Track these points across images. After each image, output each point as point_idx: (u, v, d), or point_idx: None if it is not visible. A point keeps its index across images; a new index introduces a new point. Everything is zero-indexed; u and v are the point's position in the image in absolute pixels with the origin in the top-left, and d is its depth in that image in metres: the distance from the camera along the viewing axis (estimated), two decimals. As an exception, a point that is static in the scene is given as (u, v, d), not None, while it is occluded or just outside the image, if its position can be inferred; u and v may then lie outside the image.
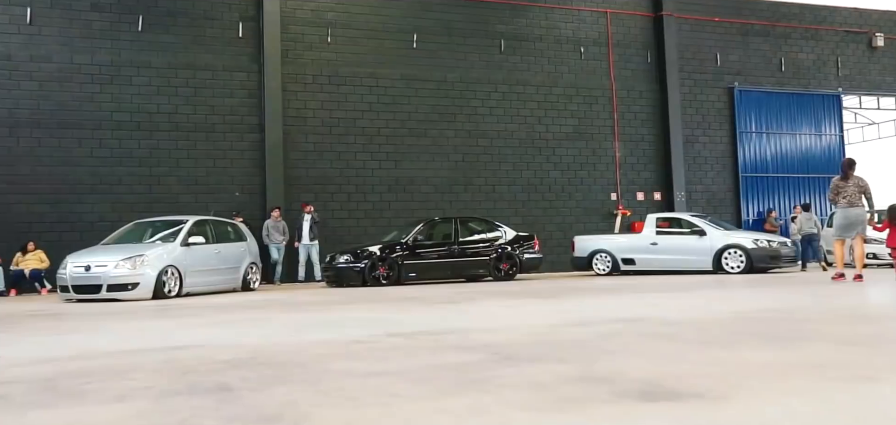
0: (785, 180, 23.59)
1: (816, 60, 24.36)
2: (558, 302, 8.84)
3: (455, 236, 16.15)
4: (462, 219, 16.68)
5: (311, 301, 10.75)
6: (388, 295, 11.76)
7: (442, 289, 13.31)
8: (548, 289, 12.06)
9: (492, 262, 16.11)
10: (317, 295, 12.61)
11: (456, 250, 15.99)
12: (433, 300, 9.90)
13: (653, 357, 4.05)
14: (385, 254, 15.45)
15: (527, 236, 16.84)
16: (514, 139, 20.98)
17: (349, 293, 12.85)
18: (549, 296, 9.91)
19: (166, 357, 4.66)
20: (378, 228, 19.41)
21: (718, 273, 16.01)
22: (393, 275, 15.35)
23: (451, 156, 20.35)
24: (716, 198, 22.84)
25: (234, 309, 9.38)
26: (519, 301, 9.28)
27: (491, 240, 16.36)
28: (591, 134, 21.73)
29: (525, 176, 20.98)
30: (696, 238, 16.42)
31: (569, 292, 10.82)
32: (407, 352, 4.51)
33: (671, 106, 22.20)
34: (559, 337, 5.11)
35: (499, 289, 12.29)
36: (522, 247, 16.49)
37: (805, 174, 23.79)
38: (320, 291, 14.07)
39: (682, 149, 22.27)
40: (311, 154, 19.11)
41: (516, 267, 16.28)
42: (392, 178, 19.76)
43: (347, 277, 15.33)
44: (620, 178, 21.88)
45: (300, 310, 8.84)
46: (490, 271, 16.11)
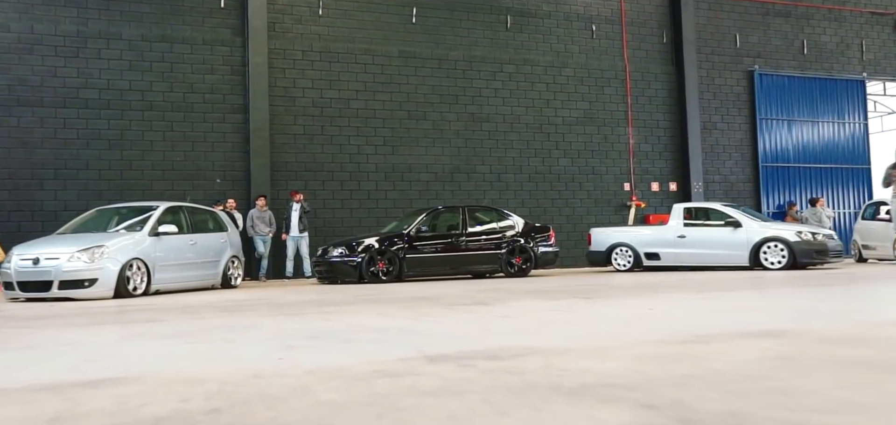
0: (807, 171, 21.81)
1: (840, 43, 22.59)
2: (616, 302, 6.93)
3: (462, 227, 14.24)
4: (470, 208, 14.76)
5: (302, 300, 8.81)
6: (394, 294, 9.83)
7: (453, 286, 11.40)
8: (580, 286, 10.16)
9: (503, 257, 14.20)
10: (308, 293, 10.66)
11: (463, 243, 14.07)
12: (453, 300, 7.98)
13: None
14: (384, 246, 13.51)
15: (541, 227, 14.94)
16: (521, 124, 19.07)
17: (345, 291, 10.91)
18: (595, 295, 8.00)
19: (63, 408, 2.70)
20: (373, 219, 17.46)
21: (756, 269, 14.18)
22: (393, 271, 13.42)
23: (453, 142, 18.42)
24: (734, 190, 21.03)
25: (209, 311, 7.41)
26: (562, 302, 7.36)
27: (502, 232, 14.45)
28: (603, 119, 19.85)
29: (532, 164, 19.08)
30: (729, 230, 14.57)
31: (613, 290, 8.92)
32: (481, 402, 2.57)
33: (688, 90, 20.36)
34: (708, 366, 3.19)
35: (521, 287, 10.38)
36: (536, 240, 14.59)
37: (827, 164, 22.01)
38: (311, 289, 12.12)
39: (699, 137, 20.44)
40: (300, 138, 17.13)
41: (531, 261, 14.37)
42: (389, 165, 17.81)
43: (342, 273, 13.39)
44: (634, 167, 20.02)
45: (290, 313, 6.90)
46: (501, 267, 14.19)
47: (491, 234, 14.38)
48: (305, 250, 16.01)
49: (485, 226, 14.56)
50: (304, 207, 15.93)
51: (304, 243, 15.99)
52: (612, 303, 7.02)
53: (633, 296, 7.77)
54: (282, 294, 10.62)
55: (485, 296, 8.42)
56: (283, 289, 12.46)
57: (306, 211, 15.93)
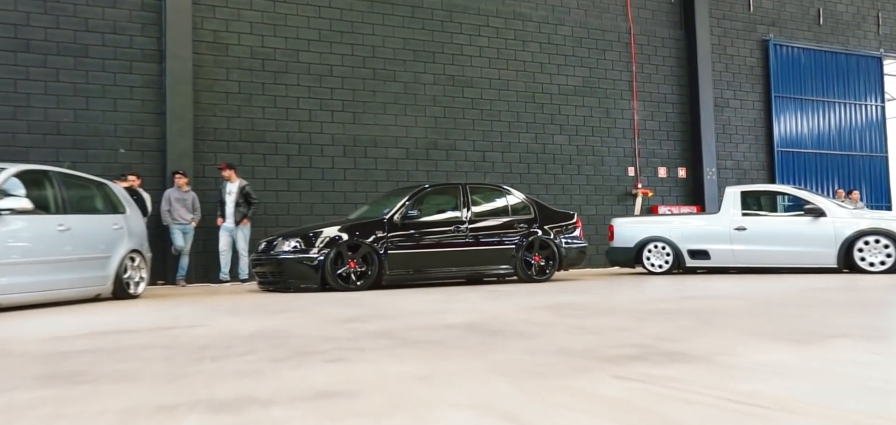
0: (823, 159, 18.36)
1: (856, 14, 19.27)
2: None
3: (465, 213, 10.02)
4: (472, 187, 10.51)
5: (235, 332, 4.57)
6: (399, 312, 5.64)
7: (470, 297, 7.24)
8: (687, 301, 6.09)
9: (519, 254, 10.05)
10: (246, 311, 6.39)
11: (465, 234, 9.87)
12: (538, 338, 3.84)
13: None
14: (356, 238, 9.20)
15: (562, 214, 10.86)
16: (511, 91, 14.98)
17: (306, 308, 6.69)
18: (791, 336, 3.96)
19: None
20: (328, 206, 13.12)
21: (848, 271, 10.43)
22: (369, 273, 9.14)
23: (429, 111, 14.20)
24: (747, 178, 17.40)
25: (42, 365, 3.08)
26: (769, 345, 3.29)
27: (515, 220, 10.31)
28: (604, 90, 15.93)
29: (524, 140, 15.01)
30: (807, 221, 10.79)
31: (762, 312, 4.88)
32: None
33: (700, 59, 16.64)
34: None
35: (598, 302, 6.27)
36: (559, 231, 10.50)
37: (843, 152, 18.61)
38: (250, 301, 7.81)
39: (712, 115, 16.74)
40: (234, 97, 12.65)
41: (555, 261, 10.28)
42: (349, 137, 13.47)
43: (296, 275, 9.08)
44: (639, 148, 16.15)
45: (209, 378, 2.61)
46: (515, 268, 10.05)
47: (502, 223, 10.22)
48: (244, 245, 11.59)
49: (494, 213, 10.40)
50: (246, 189, 11.49)
51: (243, 236, 11.58)
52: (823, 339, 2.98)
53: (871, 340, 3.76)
54: (201, 313, 6.26)
55: (610, 339, 4.28)
56: (207, 300, 8.06)
57: (249, 194, 11.50)
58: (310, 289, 9.06)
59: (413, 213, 9.55)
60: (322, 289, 9.05)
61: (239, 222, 11.53)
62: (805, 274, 10.64)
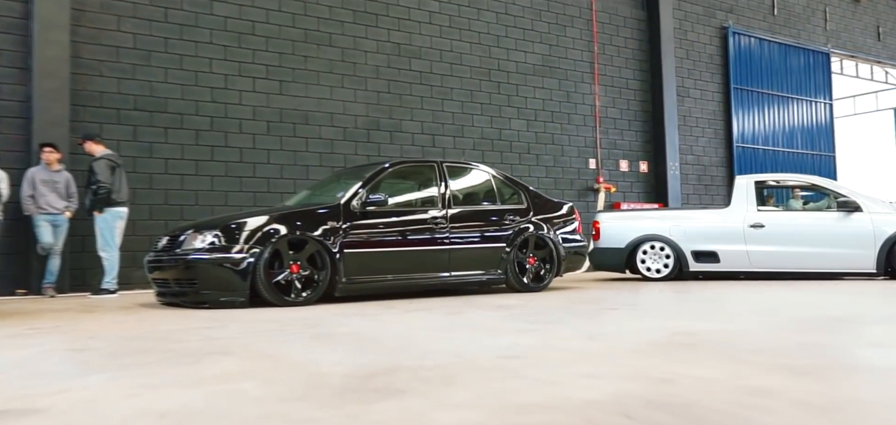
0: (778, 156, 16.70)
1: (806, 6, 17.76)
2: None
3: (444, 200, 7.33)
4: (451, 168, 7.78)
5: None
6: (410, 352, 3.00)
7: (498, 321, 4.69)
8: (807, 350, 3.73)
9: (511, 255, 7.47)
10: (137, 354, 3.58)
11: (445, 229, 7.17)
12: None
13: None
14: (299, 232, 6.39)
15: (558, 204, 8.34)
16: (464, 66, 12.42)
17: (242, 340, 4.00)
18: None
19: None
20: (247, 195, 10.22)
21: (889, 277, 8.41)
22: (319, 281, 6.35)
23: (371, 84, 11.45)
24: (707, 175, 15.51)
25: None
26: None
27: (506, 211, 7.71)
28: (565, 71, 13.61)
29: (478, 124, 12.48)
30: (838, 217, 8.78)
31: None
32: None
33: (664, 43, 14.60)
34: None
35: (690, 330, 3.80)
36: (554, 226, 7.98)
37: (794, 149, 17.03)
38: (146, 323, 4.97)
39: (675, 104, 14.74)
40: (127, 53, 9.55)
41: (554, 265, 7.75)
42: (273, 111, 10.56)
43: (213, 284, 6.22)
44: (600, 138, 13.91)
45: None
46: (507, 273, 7.46)
47: (489, 216, 7.59)
48: (102, 244, 8.51)
49: (478, 201, 7.76)
50: (94, 167, 8.40)
51: (101, 233, 8.46)
52: None
53: None
54: (49, 364, 3.41)
55: None
56: (74, 324, 5.13)
57: (94, 176, 8.40)
58: (233, 302, 6.19)
59: (378, 199, 6.79)
60: (251, 304, 6.20)
61: (92, 210, 8.41)
62: (838, 280, 8.56)
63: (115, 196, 8.38)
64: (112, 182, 8.36)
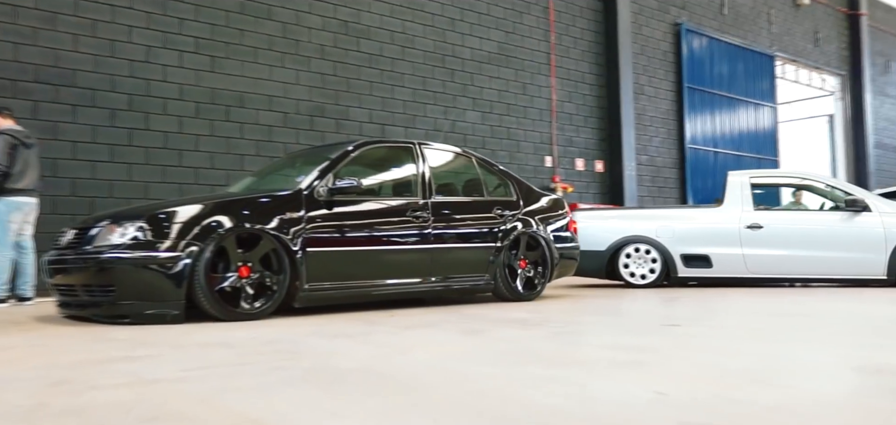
0: (728, 159, 16.08)
1: (753, 8, 17.27)
2: None
3: (424, 190, 5.98)
4: (432, 152, 6.39)
5: None
6: None
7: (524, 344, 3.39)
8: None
9: (501, 257, 6.20)
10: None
11: (428, 224, 5.84)
12: None
13: None
14: (249, 225, 4.96)
15: (547, 196, 7.11)
16: (416, 50, 11.13)
17: (182, 381, 2.47)
18: None
19: None
20: (171, 187, 8.67)
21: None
22: (276, 287, 4.94)
23: (315, 65, 10.02)
24: (661, 176, 14.69)
25: None
26: None
27: (494, 204, 6.44)
28: (521, 61, 12.51)
29: (431, 114, 11.22)
30: (844, 218, 7.94)
31: None
32: None
33: (621, 36, 13.70)
34: None
35: None
36: (547, 224, 6.78)
37: (742, 152, 16.48)
38: (37, 353, 3.44)
39: (632, 101, 13.86)
40: (27, 13, 7.85)
41: (546, 268, 6.53)
42: (203, 90, 9.01)
43: (137, 292, 4.77)
44: (556, 135, 12.86)
45: None
46: (497, 279, 6.20)
47: (476, 209, 6.30)
48: (27, 245, 6.86)
49: (464, 192, 6.47)
50: (17, 137, 6.76)
51: None
52: None
53: None
54: None
55: None
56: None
57: (21, 142, 6.77)
58: (164, 316, 4.72)
59: (349, 184, 5.40)
60: (188, 317, 4.74)
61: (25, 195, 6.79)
62: (845, 288, 7.69)
63: (13, 182, 6.70)
64: (10, 164, 6.67)
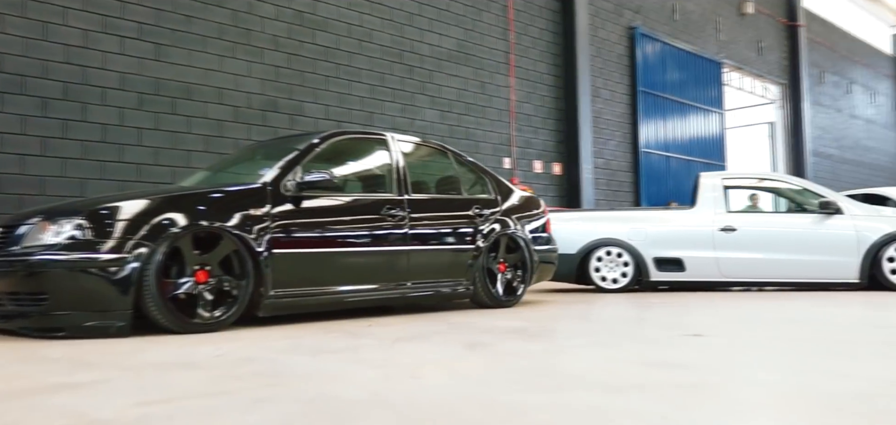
0: (680, 164, 15.96)
1: (702, 14, 17.26)
2: None
3: (399, 183, 5.40)
4: (406, 146, 5.80)
5: None
6: None
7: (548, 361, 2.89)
8: None
9: (480, 260, 5.66)
10: None
11: (405, 224, 5.26)
12: None
13: None
14: (207, 223, 4.30)
15: (524, 195, 6.60)
16: (374, 44, 10.54)
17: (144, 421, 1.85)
18: None
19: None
20: (110, 184, 7.88)
21: (879, 288, 7.38)
22: (238, 295, 4.29)
23: (269, 57, 9.33)
24: (616, 179, 14.44)
25: None
26: None
27: (473, 203, 5.90)
28: (480, 59, 12.04)
29: (389, 111, 10.64)
30: (816, 220, 7.71)
31: None
32: None
33: (579, 37, 13.39)
34: None
35: None
36: (525, 224, 6.27)
37: (692, 157, 16.40)
38: None
39: (589, 103, 13.54)
40: (-56, -10, 6.96)
41: (526, 272, 6.03)
42: (147, 80, 8.23)
43: (75, 301, 4.08)
44: (515, 136, 12.44)
45: None
46: (476, 284, 5.66)
47: (454, 209, 5.75)
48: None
49: (442, 190, 5.92)
50: None
51: None
52: None
53: None
54: None
55: None
56: None
57: None
58: (107, 329, 4.03)
59: (320, 178, 4.78)
60: (135, 329, 4.07)
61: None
62: (817, 291, 7.44)
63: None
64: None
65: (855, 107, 24.87)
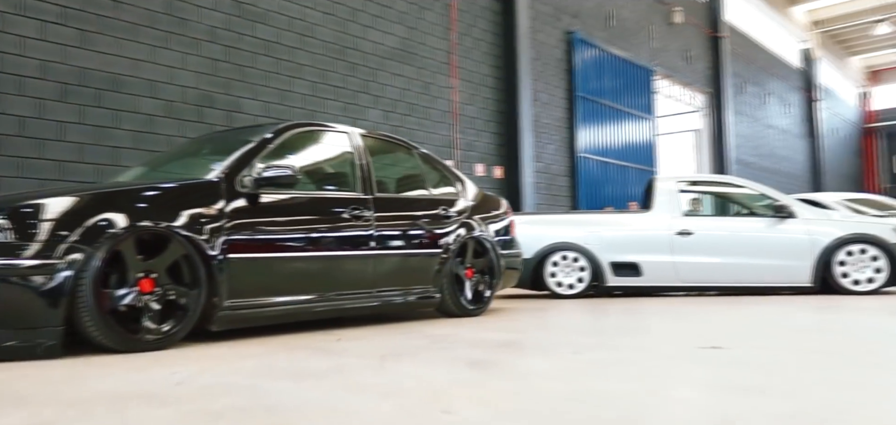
0: (615, 169, 15.94)
1: (636, 22, 17.34)
2: None
3: (364, 182, 4.92)
4: (370, 140, 5.32)
5: None
6: None
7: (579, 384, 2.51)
8: None
9: (448, 266, 5.22)
10: None
11: (371, 227, 4.76)
12: None
13: None
14: (154, 225, 3.71)
15: (488, 197, 6.21)
16: (316, 40, 9.98)
17: None
18: None
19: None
20: (29, 183, 7.12)
21: (830, 291, 7.33)
22: (188, 305, 3.72)
23: (205, 48, 8.65)
24: (555, 184, 14.26)
25: None
26: None
27: (441, 203, 5.46)
28: (423, 59, 11.63)
29: (331, 110, 10.11)
30: (770, 224, 7.62)
31: None
32: None
33: (520, 39, 13.14)
34: None
35: None
36: (490, 227, 5.87)
37: (626, 162, 16.42)
38: None
39: (531, 106, 13.31)
40: None
41: (495, 277, 5.63)
42: (71, 70, 7.45)
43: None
44: (458, 139, 12.08)
45: None
46: (443, 292, 5.22)
47: (422, 209, 5.29)
48: None
49: (409, 189, 5.46)
50: None
51: None
52: None
53: None
54: None
55: None
56: None
57: None
58: (34, 350, 3.41)
59: (283, 173, 4.24)
60: (68, 349, 3.46)
61: None
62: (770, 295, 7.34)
63: None
64: None
65: (771, 118, 25.69)
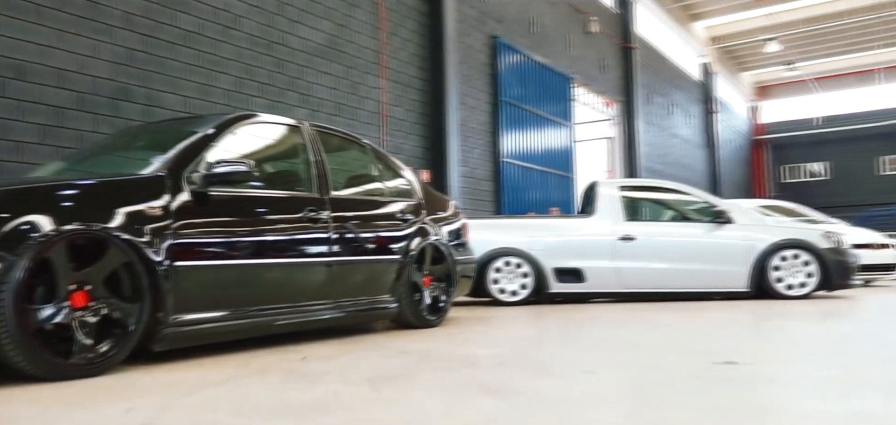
0: (536, 174, 15.89)
1: (554, 30, 17.38)
2: None
3: (320, 181, 4.43)
4: (324, 136, 4.80)
5: None
6: None
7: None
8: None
9: (406, 273, 4.80)
10: None
11: (327, 230, 4.28)
12: None
13: None
14: (87, 228, 3.12)
15: (440, 198, 5.84)
16: (241, 32, 9.32)
17: None
18: None
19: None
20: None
21: (765, 297, 7.35)
22: (130, 323, 3.15)
23: (120, 37, 7.87)
24: (479, 188, 14.04)
25: None
26: None
27: (397, 205, 5.03)
28: (352, 57, 11.13)
29: (256, 106, 9.48)
30: (709, 229, 7.59)
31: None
32: None
33: (447, 41, 12.84)
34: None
35: None
36: (443, 228, 5.49)
37: (546, 168, 16.43)
38: None
39: (457, 110, 13.02)
40: None
41: (452, 286, 5.24)
42: (-34, 54, 6.57)
43: None
44: (386, 141, 11.64)
45: None
46: (401, 301, 4.80)
47: (379, 211, 4.85)
48: None
49: (365, 191, 4.99)
50: None
51: None
52: None
53: None
54: None
55: None
56: None
57: None
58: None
59: (236, 170, 3.70)
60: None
61: None
62: (709, 301, 7.30)
63: None
64: None
65: (675, 127, 26.52)
